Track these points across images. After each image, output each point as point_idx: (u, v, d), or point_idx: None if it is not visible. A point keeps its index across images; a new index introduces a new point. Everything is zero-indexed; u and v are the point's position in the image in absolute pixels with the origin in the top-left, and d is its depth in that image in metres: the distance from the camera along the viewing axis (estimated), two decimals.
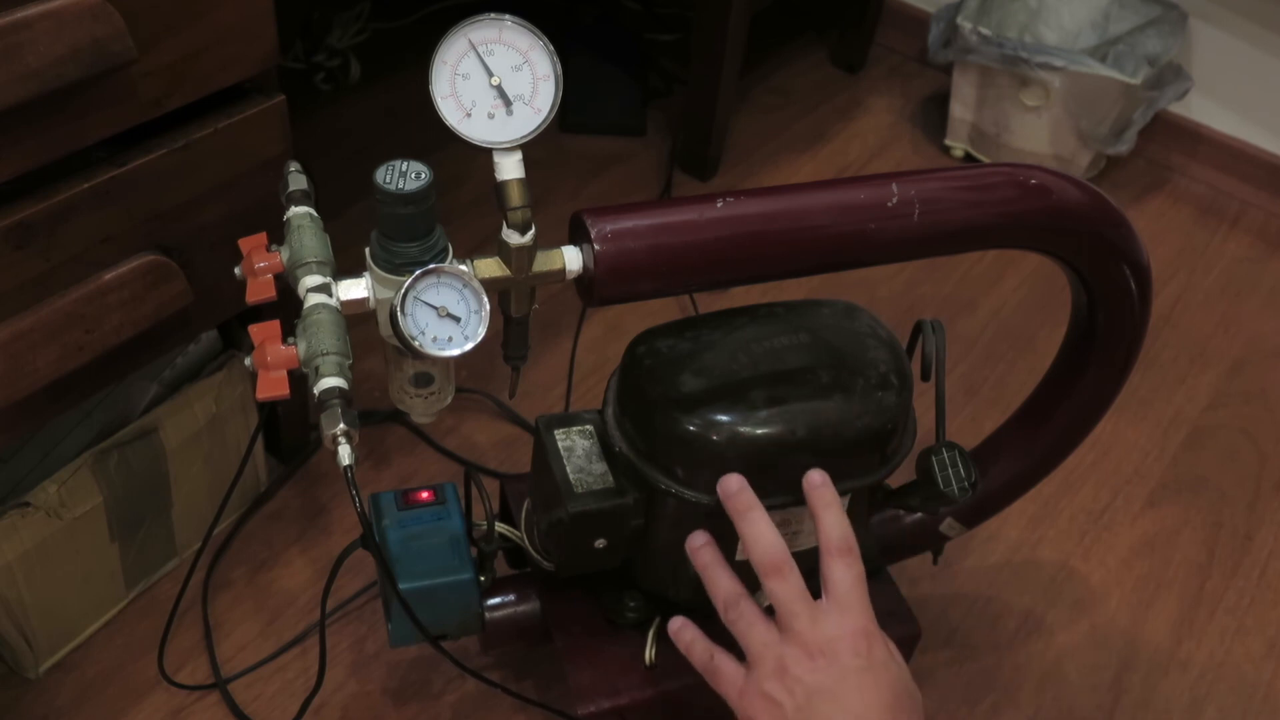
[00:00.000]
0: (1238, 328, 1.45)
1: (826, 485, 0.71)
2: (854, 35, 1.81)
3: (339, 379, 0.60)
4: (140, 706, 0.96)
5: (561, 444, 0.81)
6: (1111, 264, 0.77)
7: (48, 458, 0.90)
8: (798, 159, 1.64)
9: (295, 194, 0.69)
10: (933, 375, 0.82)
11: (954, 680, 1.04)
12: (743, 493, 0.71)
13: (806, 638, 0.65)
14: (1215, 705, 1.04)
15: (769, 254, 0.67)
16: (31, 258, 0.75)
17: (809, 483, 0.71)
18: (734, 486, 0.71)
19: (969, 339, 1.38)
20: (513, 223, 0.63)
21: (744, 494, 0.71)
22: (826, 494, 0.71)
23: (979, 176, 0.72)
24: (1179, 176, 1.70)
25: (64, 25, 0.67)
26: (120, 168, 0.77)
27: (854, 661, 0.65)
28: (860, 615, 0.67)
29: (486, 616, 0.87)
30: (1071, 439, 0.90)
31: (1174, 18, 1.57)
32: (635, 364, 0.77)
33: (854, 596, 0.67)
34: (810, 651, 0.65)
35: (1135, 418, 1.30)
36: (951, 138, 1.68)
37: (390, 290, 0.64)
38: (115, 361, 0.83)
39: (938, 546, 0.97)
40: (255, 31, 0.81)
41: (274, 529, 1.09)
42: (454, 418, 1.21)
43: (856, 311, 0.81)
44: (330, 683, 0.97)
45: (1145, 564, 1.15)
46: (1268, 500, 1.23)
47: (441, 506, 0.86)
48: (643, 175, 1.57)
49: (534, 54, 0.62)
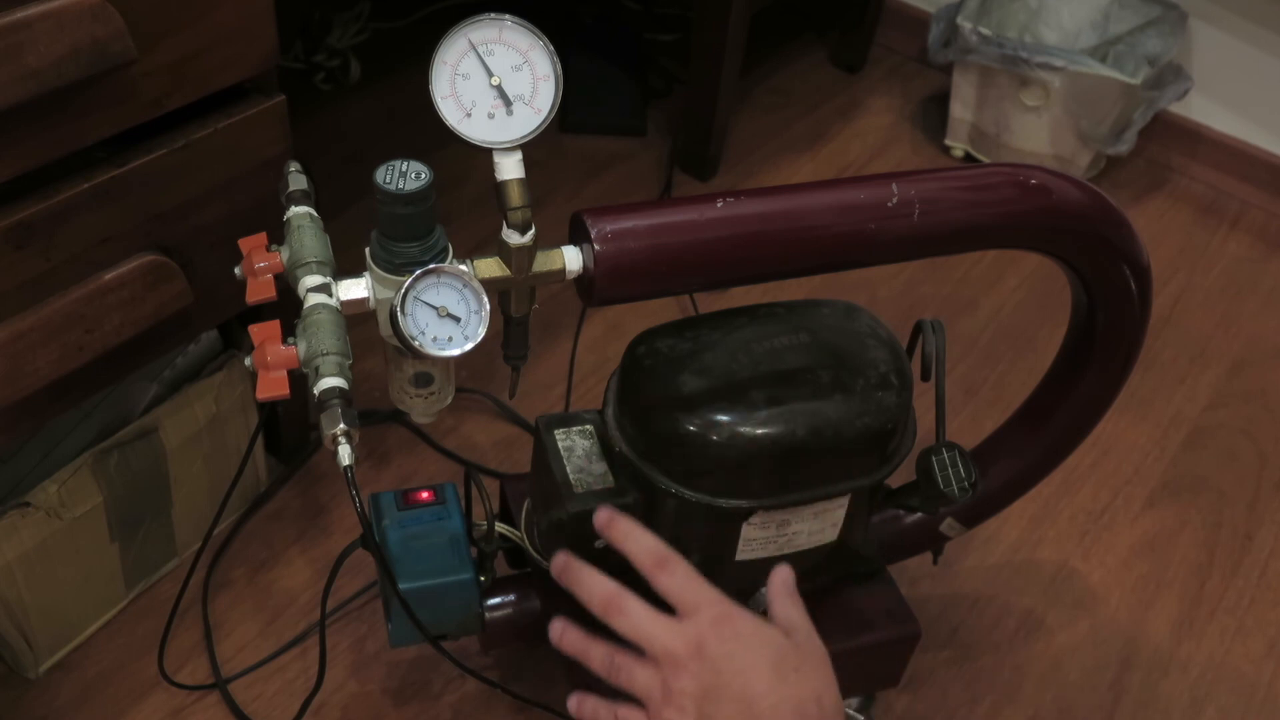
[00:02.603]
0: (1238, 328, 1.45)
1: (614, 519, 0.69)
2: (854, 35, 1.81)
3: (339, 379, 0.60)
4: (140, 706, 0.96)
5: (561, 444, 0.81)
6: (1111, 264, 0.76)
7: (48, 458, 0.90)
8: (798, 159, 1.64)
9: (295, 194, 0.69)
10: (933, 375, 0.82)
11: (954, 680, 1.04)
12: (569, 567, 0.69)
13: (673, 650, 0.64)
14: (1215, 705, 1.04)
15: (769, 254, 0.67)
16: (31, 258, 0.75)
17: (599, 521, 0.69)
18: (561, 565, 0.69)
19: (969, 339, 1.38)
20: (513, 223, 0.63)
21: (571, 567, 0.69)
22: (618, 523, 0.69)
23: (979, 176, 0.72)
24: (1179, 176, 1.70)
25: (64, 25, 0.67)
26: (120, 168, 0.77)
27: (722, 647, 0.64)
28: (709, 605, 0.65)
29: (486, 616, 0.87)
30: (1071, 439, 0.90)
31: (1174, 18, 1.57)
32: (635, 364, 0.77)
33: (691, 592, 0.66)
34: (683, 661, 0.64)
35: (1135, 418, 1.30)
36: (951, 138, 1.68)
37: (390, 290, 0.64)
38: (115, 361, 0.83)
39: (938, 546, 0.97)
40: (255, 31, 0.81)
41: (274, 529, 1.09)
42: (454, 418, 1.21)
43: (856, 311, 0.81)
44: (330, 683, 0.97)
45: (1145, 564, 1.15)
46: (1268, 500, 1.23)
47: (441, 506, 0.86)
48: (643, 175, 1.57)
49: (534, 54, 0.62)
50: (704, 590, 0.66)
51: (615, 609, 0.67)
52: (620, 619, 0.66)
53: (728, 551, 0.79)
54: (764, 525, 0.78)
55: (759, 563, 0.79)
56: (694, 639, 0.64)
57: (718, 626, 0.65)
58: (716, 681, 0.63)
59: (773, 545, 0.79)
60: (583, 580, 0.68)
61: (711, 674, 0.63)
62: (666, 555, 0.67)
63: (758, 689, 0.63)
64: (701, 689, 0.63)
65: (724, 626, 0.65)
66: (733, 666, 0.64)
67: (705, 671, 0.63)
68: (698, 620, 0.65)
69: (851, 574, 0.91)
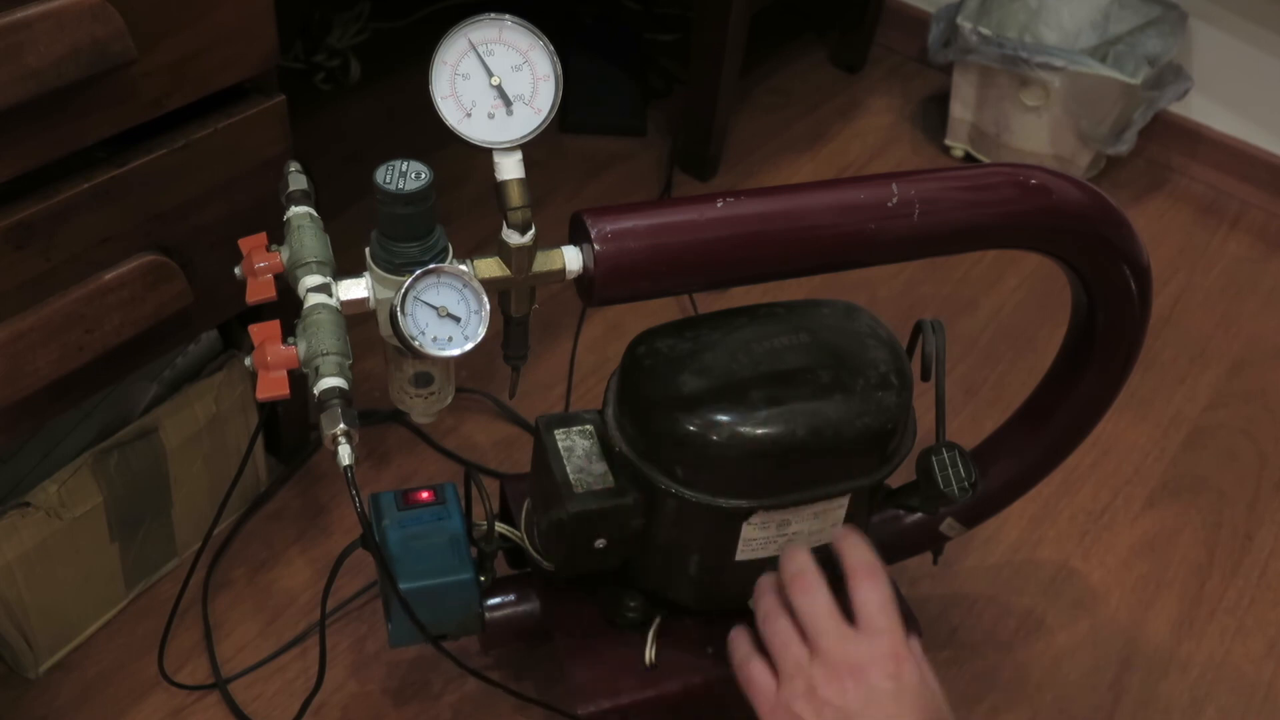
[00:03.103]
0: (1238, 328, 1.45)
1: (852, 531, 0.72)
2: (854, 35, 1.81)
3: (339, 379, 0.60)
4: (140, 706, 0.96)
5: (561, 444, 0.81)
6: (1111, 264, 0.76)
7: (48, 458, 0.90)
8: (798, 159, 1.64)
9: (295, 194, 0.69)
10: (933, 375, 0.82)
11: (954, 680, 1.04)
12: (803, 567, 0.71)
13: (835, 657, 0.65)
14: (1215, 705, 1.04)
15: (769, 254, 0.67)
16: (31, 258, 0.75)
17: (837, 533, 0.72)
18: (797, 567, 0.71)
19: (969, 339, 1.38)
20: (513, 223, 0.63)
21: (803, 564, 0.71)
22: (850, 535, 0.71)
23: (979, 176, 0.72)
24: (1179, 176, 1.70)
25: (64, 25, 0.67)
26: (120, 168, 0.77)
27: (884, 684, 0.64)
28: (890, 638, 0.66)
29: (486, 616, 0.87)
30: (1071, 439, 0.90)
31: (1174, 18, 1.57)
32: (635, 364, 0.77)
33: (883, 618, 0.66)
34: (839, 673, 0.64)
35: (1135, 418, 1.30)
36: (951, 138, 1.68)
37: (390, 290, 0.64)
38: (115, 361, 0.83)
39: (938, 546, 0.97)
40: (255, 31, 0.81)
41: (274, 529, 1.09)
42: (454, 418, 1.21)
43: (856, 311, 0.81)
44: (330, 683, 0.97)
45: (1145, 564, 1.15)
46: (1268, 500, 1.23)
47: (441, 506, 0.86)
48: (643, 175, 1.57)
49: (534, 54, 0.62)
50: (895, 623, 0.66)
51: (803, 585, 0.67)
52: (803, 597, 0.67)
53: (728, 551, 0.79)
54: (764, 525, 0.78)
55: (759, 563, 0.79)
56: (863, 660, 0.64)
57: (888, 662, 0.65)
58: (864, 712, 0.63)
59: (773, 545, 0.79)
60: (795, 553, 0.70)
61: (861, 701, 0.63)
62: (880, 570, 0.68)
63: None
64: (846, 708, 0.63)
65: (894, 664, 0.65)
66: (886, 707, 0.64)
67: (856, 695, 0.63)
68: (874, 644, 0.65)
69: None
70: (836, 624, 0.66)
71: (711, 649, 0.84)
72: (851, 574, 0.69)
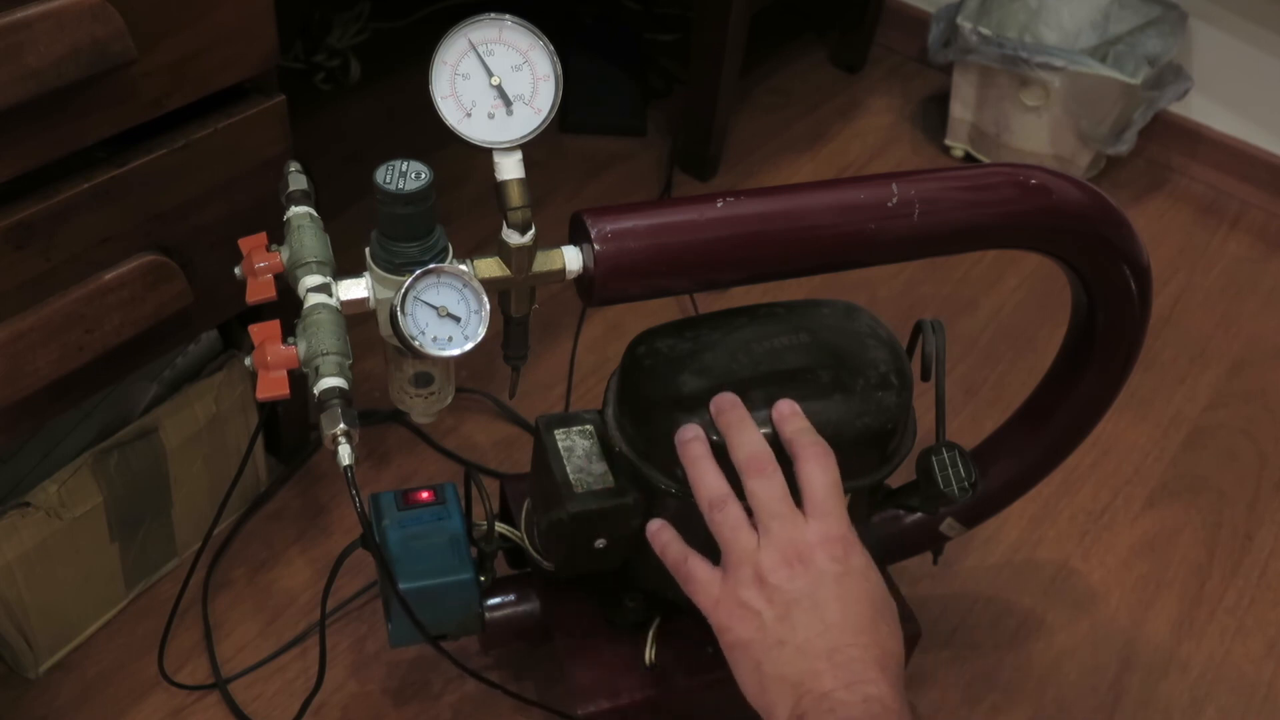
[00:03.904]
0: (1238, 328, 1.45)
1: (792, 410, 0.70)
2: (854, 35, 1.81)
3: (339, 379, 0.60)
4: (140, 706, 0.96)
5: (561, 444, 0.81)
6: (1111, 264, 0.76)
7: (48, 458, 0.90)
8: (798, 159, 1.64)
9: (295, 194, 0.69)
10: (933, 375, 0.82)
11: (954, 680, 1.04)
12: (736, 407, 0.70)
13: (783, 542, 0.64)
14: (1215, 705, 1.04)
15: (769, 254, 0.67)
16: (31, 258, 0.75)
17: (777, 412, 0.70)
18: (726, 403, 0.70)
19: (969, 339, 1.38)
20: (513, 223, 0.63)
21: (737, 408, 0.70)
22: (789, 415, 0.69)
23: (979, 176, 0.72)
24: (1179, 176, 1.70)
25: (64, 25, 0.67)
26: (120, 168, 0.77)
27: (831, 567, 0.63)
28: (838, 521, 0.65)
29: (486, 616, 0.87)
30: (1071, 439, 0.90)
31: (1174, 18, 1.57)
32: (635, 364, 0.77)
33: (831, 500, 0.66)
34: (788, 558, 0.63)
35: (1135, 418, 1.30)
36: (951, 138, 1.68)
37: (390, 290, 0.64)
38: (115, 361, 0.83)
39: (938, 546, 0.97)
40: (255, 31, 0.81)
41: (274, 529, 1.09)
42: (454, 418, 1.21)
43: (856, 311, 0.81)
44: (330, 683, 0.97)
45: (1145, 564, 1.15)
46: (1268, 500, 1.23)
47: (441, 506, 0.86)
48: (643, 175, 1.57)
49: (534, 54, 0.62)
50: (840, 507, 0.65)
51: (760, 469, 0.66)
52: (760, 480, 0.66)
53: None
54: None
55: None
56: (810, 544, 0.63)
57: (834, 545, 0.64)
58: (813, 595, 0.62)
59: None
60: (743, 429, 0.68)
61: (810, 585, 0.63)
62: (825, 448, 0.67)
63: (851, 622, 0.62)
64: (795, 593, 0.62)
65: (840, 547, 0.64)
66: (834, 589, 0.63)
67: (805, 579, 0.63)
68: (820, 528, 0.64)
69: None
70: (789, 507, 0.65)
71: (711, 649, 0.83)
72: (799, 454, 0.67)
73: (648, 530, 0.73)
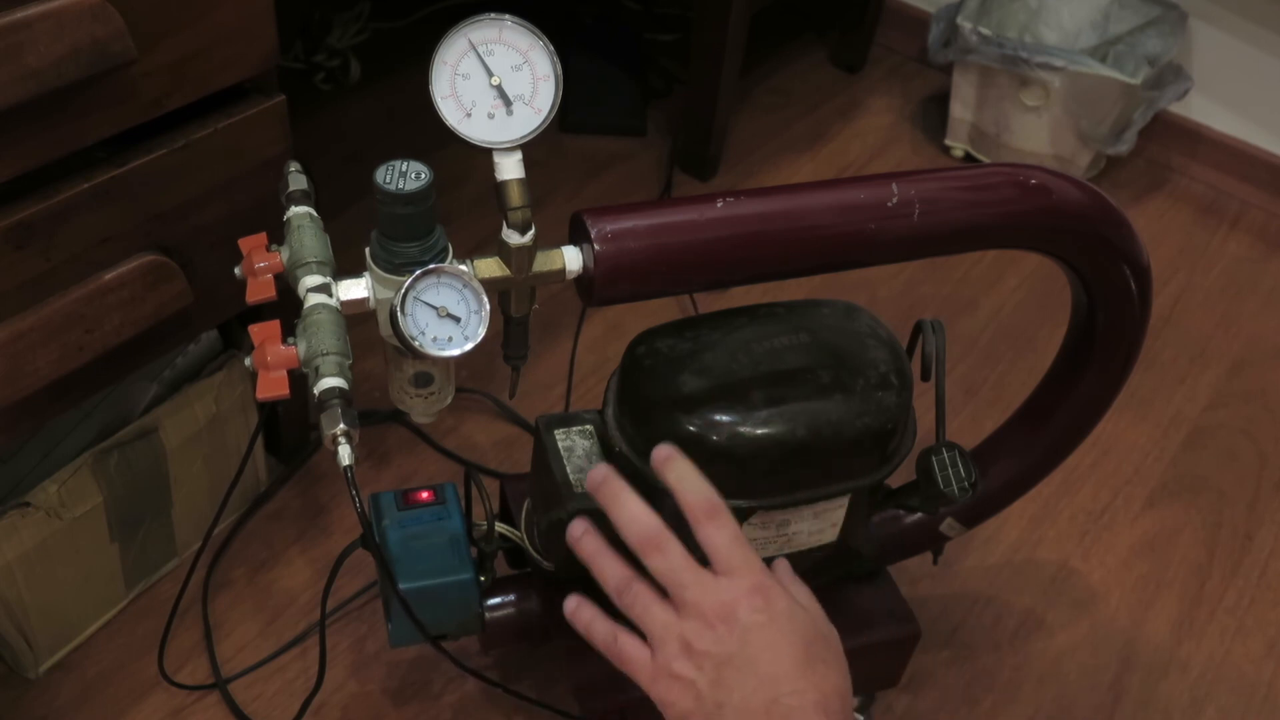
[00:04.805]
0: (1238, 328, 1.45)
1: (673, 455, 0.66)
2: (854, 35, 1.81)
3: (339, 379, 0.60)
4: (140, 706, 0.96)
5: (561, 444, 0.81)
6: (1111, 264, 0.77)
7: (48, 458, 0.90)
8: (798, 159, 1.64)
9: (295, 194, 0.69)
10: (933, 375, 0.82)
11: (954, 680, 1.04)
12: (609, 480, 0.67)
13: (702, 607, 0.62)
14: (1215, 705, 1.04)
15: (769, 254, 0.67)
16: (31, 258, 0.75)
17: (657, 456, 0.67)
18: (600, 477, 0.67)
19: (969, 339, 1.38)
20: (513, 223, 0.63)
21: (611, 481, 0.67)
22: (675, 463, 0.66)
23: (979, 176, 0.72)
24: (1179, 176, 1.70)
25: (64, 25, 0.67)
26: (120, 168, 0.77)
27: (755, 618, 0.62)
28: (749, 571, 0.64)
29: (486, 616, 0.87)
30: (1071, 439, 0.90)
31: (1174, 18, 1.57)
32: (635, 364, 0.77)
33: (737, 555, 0.64)
34: (709, 621, 0.62)
35: (1135, 418, 1.30)
36: (951, 138, 1.68)
37: (390, 290, 0.64)
38: (115, 361, 0.83)
39: (938, 546, 0.97)
40: (255, 31, 0.81)
41: (274, 529, 1.09)
42: (454, 418, 1.21)
43: (856, 311, 0.81)
44: (330, 683, 0.97)
45: (1145, 564, 1.15)
46: (1268, 500, 1.23)
47: (441, 506, 0.86)
48: (643, 175, 1.57)
49: (534, 54, 0.62)
50: (749, 555, 0.64)
51: (654, 545, 0.64)
52: (657, 556, 0.64)
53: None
54: (764, 525, 0.78)
55: None
56: (728, 602, 0.62)
57: (754, 596, 0.63)
58: (742, 652, 0.62)
59: (772, 545, 0.79)
60: (624, 503, 0.65)
61: (738, 643, 0.62)
62: (720, 507, 0.65)
63: (784, 671, 0.61)
64: (724, 654, 0.62)
65: (760, 597, 0.63)
66: (761, 640, 0.62)
67: (731, 638, 0.62)
68: (735, 584, 0.63)
69: (851, 574, 0.91)
70: (695, 573, 0.64)
71: None
72: (692, 516, 0.65)
73: (565, 611, 0.70)
